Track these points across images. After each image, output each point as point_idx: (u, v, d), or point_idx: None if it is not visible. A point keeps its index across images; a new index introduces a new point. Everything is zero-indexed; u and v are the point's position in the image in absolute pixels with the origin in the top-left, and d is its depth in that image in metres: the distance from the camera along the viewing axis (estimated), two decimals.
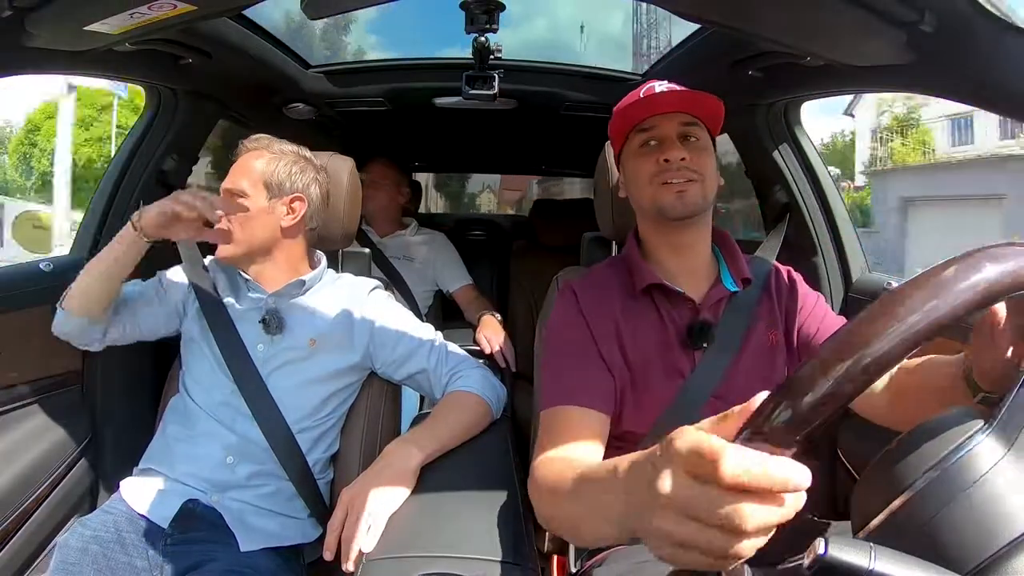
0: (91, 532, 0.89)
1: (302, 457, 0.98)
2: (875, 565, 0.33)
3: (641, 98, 0.84)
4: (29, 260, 1.17)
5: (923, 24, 0.71)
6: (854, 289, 1.29)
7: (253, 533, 0.92)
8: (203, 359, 1.02)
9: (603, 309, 0.84)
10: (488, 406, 0.99)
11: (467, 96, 1.48)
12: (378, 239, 1.97)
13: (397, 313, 1.06)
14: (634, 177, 0.86)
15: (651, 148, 0.83)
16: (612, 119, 0.90)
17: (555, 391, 0.81)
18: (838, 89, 1.09)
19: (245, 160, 1.03)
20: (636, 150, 0.85)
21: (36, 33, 0.82)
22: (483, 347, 1.76)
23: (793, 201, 1.33)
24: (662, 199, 0.82)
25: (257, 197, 1.00)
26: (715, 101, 0.83)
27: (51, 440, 1.08)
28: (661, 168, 0.81)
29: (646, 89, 0.86)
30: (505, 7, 1.22)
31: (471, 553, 0.73)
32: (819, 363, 0.35)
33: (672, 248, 0.87)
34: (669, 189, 0.81)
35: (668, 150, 0.81)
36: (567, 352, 0.83)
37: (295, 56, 1.49)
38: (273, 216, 1.01)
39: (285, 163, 1.03)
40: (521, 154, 2.75)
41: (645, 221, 0.90)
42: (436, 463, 0.94)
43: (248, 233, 0.99)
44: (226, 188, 1.01)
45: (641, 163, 0.84)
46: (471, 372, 1.03)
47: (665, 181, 0.81)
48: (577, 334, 0.83)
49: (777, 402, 0.35)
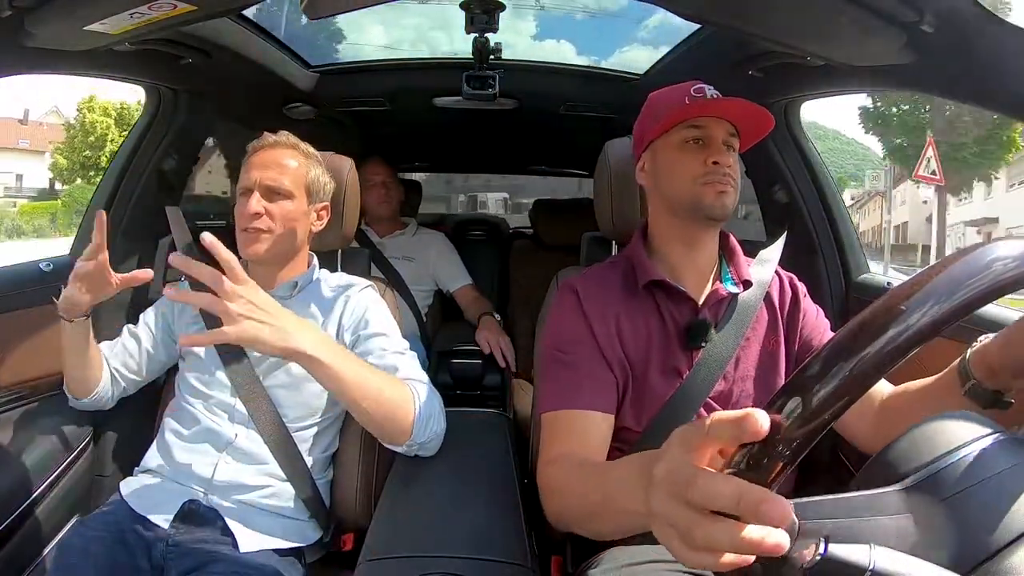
0: (93, 532, 0.89)
1: (300, 457, 0.98)
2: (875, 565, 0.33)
3: (707, 94, 0.84)
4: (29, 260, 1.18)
5: (923, 24, 0.71)
6: (854, 289, 1.29)
7: (253, 533, 0.92)
8: (201, 360, 1.02)
9: (604, 307, 0.84)
10: (410, 413, 0.88)
11: (467, 96, 1.48)
12: (378, 239, 1.97)
13: (378, 314, 1.02)
14: (672, 170, 0.84)
15: (696, 146, 0.82)
16: (654, 106, 0.89)
17: (556, 393, 0.81)
18: (838, 89, 1.09)
19: (279, 156, 1.00)
20: (679, 144, 0.83)
21: (36, 33, 0.82)
22: (483, 347, 1.76)
23: (793, 201, 1.33)
24: (705, 196, 0.81)
25: (300, 200, 1.00)
26: (768, 121, 0.83)
27: (51, 440, 1.08)
28: (709, 169, 0.81)
29: (696, 88, 0.85)
30: (505, 7, 1.22)
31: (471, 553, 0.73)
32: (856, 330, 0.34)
33: (684, 246, 0.87)
34: (713, 188, 0.81)
35: (718, 154, 0.81)
36: (568, 352, 0.83)
37: (295, 56, 1.49)
38: (307, 221, 1.02)
39: (321, 170, 1.04)
40: (521, 154, 2.75)
41: (666, 214, 0.88)
42: (436, 463, 0.94)
43: (288, 233, 0.99)
44: (268, 185, 0.97)
45: (686, 159, 0.82)
46: (421, 386, 0.93)
47: (708, 182, 0.81)
48: (578, 333, 0.83)
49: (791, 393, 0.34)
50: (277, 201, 0.97)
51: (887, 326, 0.33)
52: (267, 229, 0.96)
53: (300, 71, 1.53)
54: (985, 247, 0.35)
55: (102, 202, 1.26)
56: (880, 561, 0.33)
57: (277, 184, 0.97)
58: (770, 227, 1.43)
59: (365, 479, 1.05)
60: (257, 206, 0.95)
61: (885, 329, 0.33)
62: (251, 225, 0.96)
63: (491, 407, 1.65)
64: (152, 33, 0.89)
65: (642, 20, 1.81)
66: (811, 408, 0.33)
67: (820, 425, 0.33)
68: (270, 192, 0.97)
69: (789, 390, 0.34)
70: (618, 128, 1.41)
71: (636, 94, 1.59)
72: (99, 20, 0.80)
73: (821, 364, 0.34)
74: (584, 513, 0.65)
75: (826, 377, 0.33)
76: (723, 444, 0.36)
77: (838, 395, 0.33)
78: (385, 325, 1.00)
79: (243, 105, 1.55)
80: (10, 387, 1.08)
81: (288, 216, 0.98)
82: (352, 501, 1.05)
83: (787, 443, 0.33)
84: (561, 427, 0.78)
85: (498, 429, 1.11)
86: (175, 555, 0.88)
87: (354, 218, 1.16)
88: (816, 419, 0.33)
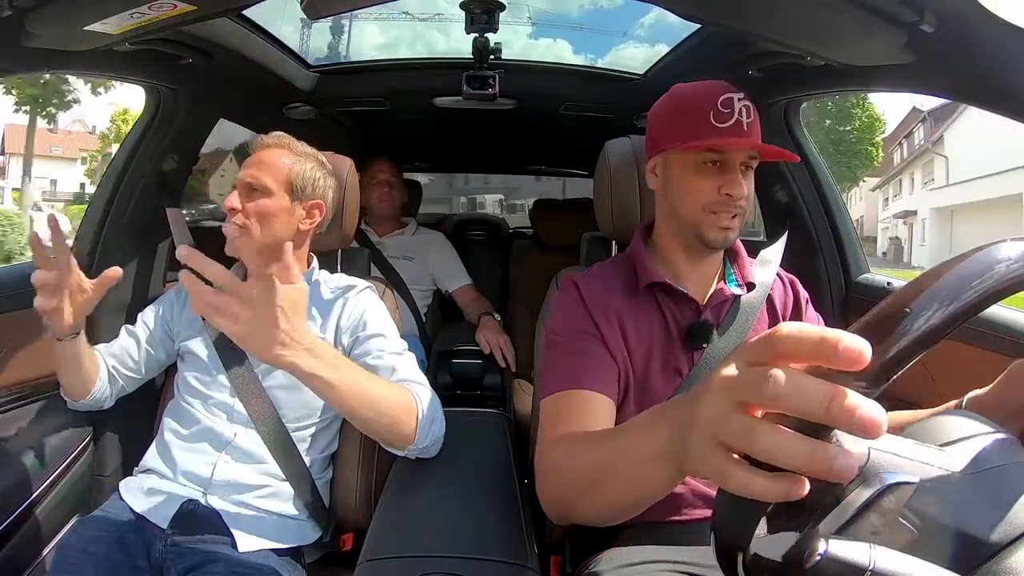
0: (92, 532, 0.90)
1: (299, 457, 0.98)
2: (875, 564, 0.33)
3: (735, 114, 0.78)
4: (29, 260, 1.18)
5: (923, 24, 0.71)
6: (854, 289, 1.29)
7: (251, 534, 0.92)
8: (200, 361, 1.02)
9: (606, 304, 0.83)
10: (413, 419, 0.87)
11: (467, 96, 1.49)
12: (377, 239, 1.97)
13: (376, 316, 1.01)
14: (684, 189, 0.82)
15: (712, 168, 0.79)
16: (676, 108, 0.83)
17: (559, 377, 0.78)
18: (838, 89, 1.09)
19: (267, 155, 1.00)
20: (696, 164, 0.80)
21: (36, 33, 0.82)
22: (483, 347, 1.76)
23: (793, 201, 1.33)
24: (708, 230, 0.80)
25: (280, 196, 0.99)
26: (792, 159, 0.84)
27: (51, 440, 1.08)
28: (720, 199, 0.79)
29: (723, 100, 0.78)
30: (505, 7, 1.22)
31: (471, 553, 0.73)
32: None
33: (688, 252, 0.86)
34: (717, 221, 0.79)
35: (733, 185, 0.78)
36: (571, 339, 0.81)
37: (295, 56, 1.49)
38: (293, 218, 1.01)
39: (310, 167, 1.02)
40: (521, 154, 2.75)
41: (672, 223, 0.86)
42: (437, 463, 0.94)
43: (266, 231, 0.98)
44: (247, 183, 0.98)
45: (699, 183, 0.80)
46: (422, 389, 0.92)
47: (716, 212, 0.79)
48: (581, 323, 0.82)
49: None
50: (255, 198, 0.97)
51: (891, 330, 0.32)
52: (241, 224, 0.96)
53: (300, 71, 1.53)
54: (988, 248, 0.35)
55: (102, 203, 1.26)
56: (880, 561, 0.33)
57: (255, 181, 0.97)
58: (770, 227, 1.43)
59: (365, 479, 1.05)
60: (234, 202, 0.96)
61: (890, 332, 0.32)
62: (228, 221, 0.96)
63: (491, 407, 1.65)
64: (152, 33, 0.88)
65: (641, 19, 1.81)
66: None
67: None
68: (249, 189, 0.98)
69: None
70: (618, 128, 1.41)
71: (636, 94, 1.60)
72: (99, 20, 0.80)
73: None
74: (587, 482, 0.59)
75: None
76: (795, 361, 0.31)
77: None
78: (383, 326, 1.00)
79: (243, 105, 1.55)
80: (10, 387, 1.08)
81: (263, 211, 0.97)
82: (352, 501, 1.05)
83: None
84: (563, 408, 0.76)
85: (498, 429, 1.11)
86: (173, 555, 0.88)
87: (354, 218, 1.16)
88: None
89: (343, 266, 1.19)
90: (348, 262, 1.20)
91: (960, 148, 19.30)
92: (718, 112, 0.78)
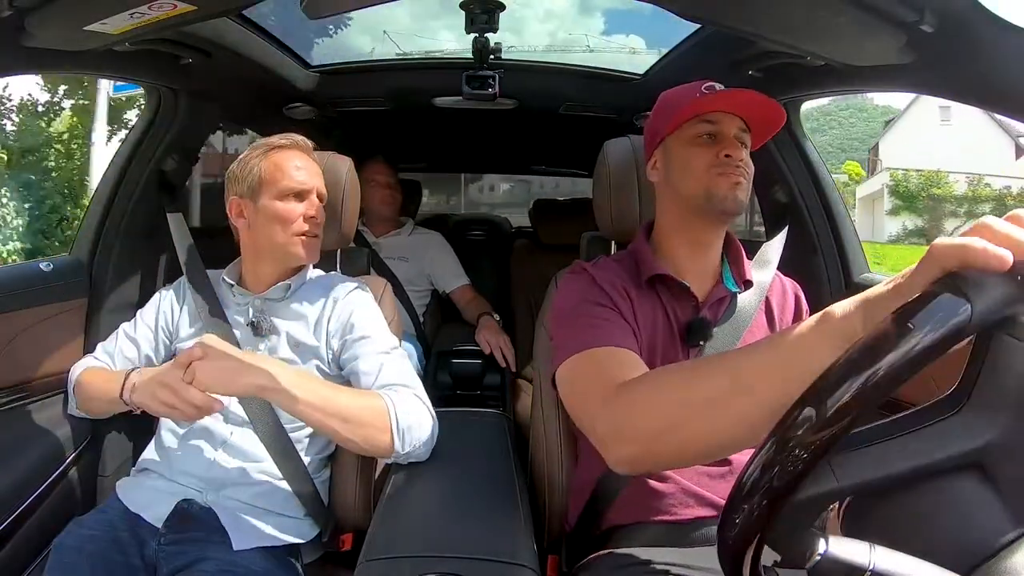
0: (87, 532, 0.90)
1: (296, 455, 0.98)
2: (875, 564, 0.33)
3: (718, 90, 0.83)
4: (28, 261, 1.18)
5: (923, 24, 0.71)
6: (854, 289, 1.28)
7: (246, 532, 0.92)
8: None
9: (618, 286, 0.83)
10: (386, 429, 0.86)
11: (467, 96, 1.48)
12: (374, 239, 1.97)
13: (365, 316, 1.01)
14: (685, 164, 0.83)
15: (708, 141, 0.82)
16: (665, 104, 0.88)
17: (581, 339, 0.74)
18: (838, 89, 1.09)
19: (308, 162, 1.04)
20: (691, 139, 0.83)
21: (36, 33, 0.82)
22: (483, 347, 1.76)
23: (793, 201, 1.33)
24: (718, 187, 0.80)
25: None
26: (779, 115, 0.83)
27: (50, 441, 1.08)
28: (721, 161, 0.81)
29: (707, 85, 0.84)
30: (505, 7, 1.22)
31: (471, 553, 0.73)
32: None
33: (691, 245, 0.87)
34: (726, 178, 0.80)
35: (731, 147, 0.81)
36: (588, 309, 0.79)
37: (295, 56, 1.49)
38: None
39: None
40: (521, 154, 2.75)
41: (676, 212, 0.87)
42: (437, 463, 0.94)
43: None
44: (313, 190, 1.02)
45: (698, 152, 0.82)
46: (405, 395, 0.92)
47: (721, 172, 0.80)
48: (598, 297, 0.81)
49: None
50: (315, 203, 1.03)
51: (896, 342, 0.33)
52: (315, 233, 1.02)
53: (300, 71, 1.53)
54: None
55: (101, 203, 1.26)
56: (880, 561, 0.33)
57: (318, 189, 1.03)
58: (770, 227, 1.42)
59: (364, 479, 1.05)
60: (315, 211, 1.01)
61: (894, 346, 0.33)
62: (309, 229, 1.00)
63: (491, 407, 1.65)
64: (152, 33, 0.88)
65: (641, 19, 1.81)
66: (825, 418, 0.33)
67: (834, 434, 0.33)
68: (312, 195, 1.02)
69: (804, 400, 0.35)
70: (618, 128, 1.41)
71: (636, 94, 1.60)
72: (99, 20, 0.80)
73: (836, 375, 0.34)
74: (695, 409, 0.52)
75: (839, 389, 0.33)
76: None
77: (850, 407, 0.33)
78: (371, 327, 1.00)
79: (243, 105, 1.55)
80: (10, 387, 1.07)
81: (321, 220, 1.04)
82: (351, 501, 1.05)
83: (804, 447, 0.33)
84: (602, 361, 0.70)
85: (498, 429, 1.11)
86: (167, 553, 0.88)
87: (353, 218, 1.16)
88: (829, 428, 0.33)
89: (343, 266, 1.19)
90: (348, 262, 1.20)
91: None
92: (702, 92, 0.83)
